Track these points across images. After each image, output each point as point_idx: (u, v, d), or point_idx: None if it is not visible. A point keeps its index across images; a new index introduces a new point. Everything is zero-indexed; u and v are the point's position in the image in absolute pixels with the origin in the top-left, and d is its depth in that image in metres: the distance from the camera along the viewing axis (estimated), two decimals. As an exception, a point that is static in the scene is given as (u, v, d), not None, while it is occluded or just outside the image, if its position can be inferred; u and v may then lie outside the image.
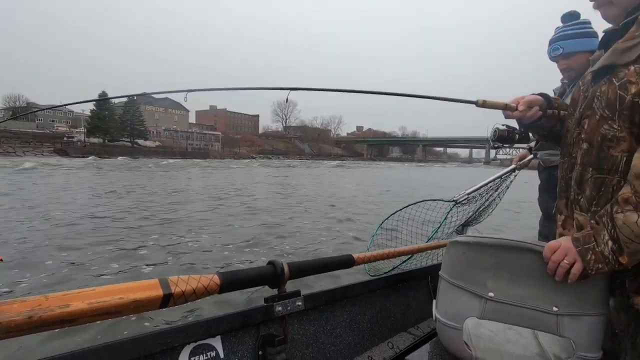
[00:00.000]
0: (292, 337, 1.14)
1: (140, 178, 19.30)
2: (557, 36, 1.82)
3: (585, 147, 0.90)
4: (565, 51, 1.78)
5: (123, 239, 5.85)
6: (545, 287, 0.91)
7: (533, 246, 0.92)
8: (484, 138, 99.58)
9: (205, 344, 0.93)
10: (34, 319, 0.59)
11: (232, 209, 9.62)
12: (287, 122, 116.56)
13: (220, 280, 0.92)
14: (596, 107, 0.87)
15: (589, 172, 0.89)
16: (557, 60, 1.83)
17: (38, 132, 58.22)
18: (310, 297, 1.19)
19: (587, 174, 0.89)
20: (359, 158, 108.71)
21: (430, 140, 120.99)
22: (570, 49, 1.77)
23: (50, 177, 17.85)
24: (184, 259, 4.96)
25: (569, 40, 1.77)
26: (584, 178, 0.90)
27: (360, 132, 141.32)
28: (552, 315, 0.91)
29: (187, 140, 76.72)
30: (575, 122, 0.96)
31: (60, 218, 7.43)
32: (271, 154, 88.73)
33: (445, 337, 1.11)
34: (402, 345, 1.41)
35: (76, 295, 0.67)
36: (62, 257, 4.81)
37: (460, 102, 1.13)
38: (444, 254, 1.15)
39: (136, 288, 0.75)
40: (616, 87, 0.82)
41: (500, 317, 0.96)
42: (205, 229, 6.87)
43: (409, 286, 1.67)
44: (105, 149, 55.07)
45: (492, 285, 0.98)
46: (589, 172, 0.89)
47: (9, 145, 47.93)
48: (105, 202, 10.04)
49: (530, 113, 1.05)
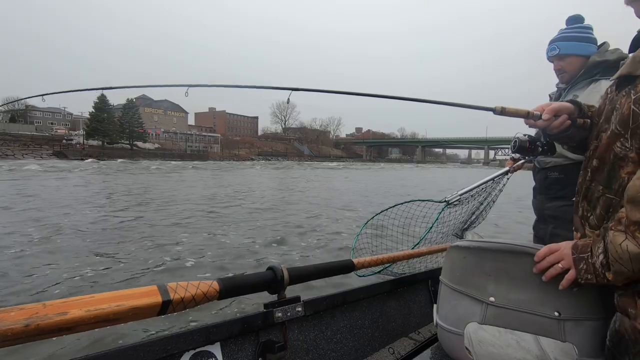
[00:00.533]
0: (292, 343, 1.13)
1: (138, 181, 19.27)
2: (557, 37, 1.81)
3: (595, 163, 0.84)
4: (560, 52, 1.77)
5: (121, 245, 5.82)
6: (547, 291, 0.90)
7: (534, 250, 0.91)
8: (482, 139, 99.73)
9: (204, 351, 0.92)
10: (31, 327, 0.58)
11: (232, 213, 9.59)
12: (287, 124, 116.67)
13: (220, 286, 0.91)
14: (612, 121, 0.80)
15: (599, 189, 0.83)
16: (553, 61, 1.83)
17: (37, 134, 58.15)
18: (310, 303, 1.18)
19: (598, 192, 0.83)
20: (358, 159, 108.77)
21: (430, 141, 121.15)
22: (566, 51, 1.76)
23: (46, 180, 17.80)
24: (182, 264, 4.94)
25: (567, 42, 1.77)
26: (594, 195, 0.85)
27: (359, 133, 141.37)
28: (554, 321, 0.90)
29: (186, 142, 76.75)
30: (595, 134, 0.89)
31: (56, 223, 7.38)
32: (270, 155, 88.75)
33: (446, 343, 1.10)
34: (403, 350, 1.40)
35: (74, 302, 0.66)
36: (60, 263, 4.77)
37: (478, 109, 1.07)
38: (444, 258, 1.14)
39: (135, 295, 0.75)
40: (631, 102, 0.74)
41: (501, 322, 0.95)
42: (204, 234, 6.84)
43: (410, 291, 1.66)
44: (104, 152, 55.02)
45: (492, 290, 0.97)
46: (599, 189, 0.83)
47: (7, 147, 47.85)
48: (102, 206, 9.99)
49: (557, 122, 0.94)
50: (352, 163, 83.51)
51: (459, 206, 2.28)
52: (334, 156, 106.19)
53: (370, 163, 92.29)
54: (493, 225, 7.92)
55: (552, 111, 0.94)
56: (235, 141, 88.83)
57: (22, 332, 0.58)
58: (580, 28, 1.77)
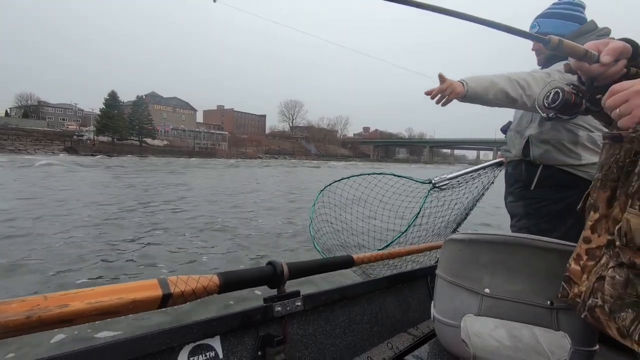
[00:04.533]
0: (292, 338, 1.14)
1: (144, 177, 19.48)
2: (542, 12, 1.64)
3: None
4: (540, 30, 1.59)
5: (122, 239, 5.86)
6: (539, 281, 0.91)
7: (527, 241, 0.93)
8: (492, 140, 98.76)
9: (204, 344, 0.93)
10: (32, 319, 0.59)
11: (234, 208, 9.65)
12: (294, 123, 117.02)
13: (220, 280, 0.92)
14: None
15: None
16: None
17: (49, 130, 59.21)
18: (310, 298, 1.19)
19: None
20: (366, 159, 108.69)
21: (437, 141, 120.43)
22: (545, 29, 1.58)
23: (53, 176, 18.07)
24: (183, 258, 4.98)
25: (548, 18, 1.60)
26: None
27: (366, 132, 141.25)
28: (547, 310, 0.91)
29: (194, 140, 77.43)
30: None
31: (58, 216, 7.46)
32: (277, 154, 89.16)
33: (443, 336, 1.11)
34: (402, 345, 1.41)
35: (75, 295, 0.67)
36: (61, 256, 4.81)
37: (528, 37, 0.80)
38: (440, 252, 1.15)
39: (135, 288, 0.76)
40: None
41: (497, 313, 0.97)
42: (205, 229, 6.88)
43: (409, 286, 1.67)
44: (114, 148, 55.82)
45: (488, 282, 0.98)
46: None
47: (20, 143, 48.80)
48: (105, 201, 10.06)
49: (616, 69, 0.72)
50: (359, 162, 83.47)
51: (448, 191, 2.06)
52: (341, 155, 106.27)
53: (378, 163, 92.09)
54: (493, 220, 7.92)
55: (614, 52, 0.71)
56: (243, 139, 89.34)
57: (23, 324, 0.58)
58: (569, 4, 1.59)
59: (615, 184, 0.70)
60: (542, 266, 0.93)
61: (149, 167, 28.53)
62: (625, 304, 0.66)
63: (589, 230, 0.76)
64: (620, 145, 0.68)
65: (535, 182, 1.59)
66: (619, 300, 0.67)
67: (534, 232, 1.56)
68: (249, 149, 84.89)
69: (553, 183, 1.56)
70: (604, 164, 0.73)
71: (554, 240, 0.93)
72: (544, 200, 1.58)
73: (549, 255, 0.92)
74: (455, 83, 1.37)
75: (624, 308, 0.66)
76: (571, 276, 0.80)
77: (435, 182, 1.98)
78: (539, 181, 1.58)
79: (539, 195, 1.59)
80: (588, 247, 0.76)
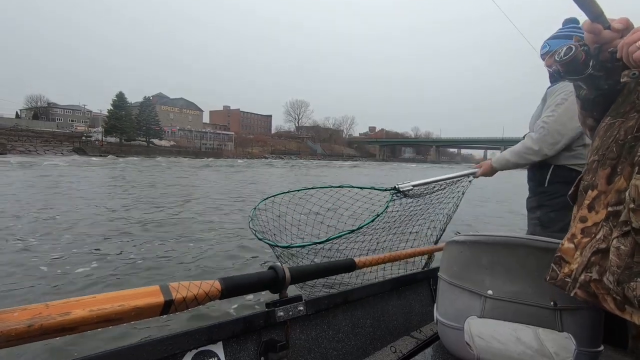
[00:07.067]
0: (294, 343, 1.14)
1: (148, 178, 19.57)
2: (550, 35, 1.88)
3: None
4: (550, 49, 1.83)
5: (123, 245, 5.80)
6: (541, 282, 0.90)
7: (528, 241, 0.93)
8: (499, 139, 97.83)
9: (207, 350, 0.93)
10: (34, 327, 0.59)
11: (235, 212, 9.58)
12: (299, 123, 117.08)
13: (222, 285, 0.92)
14: None
15: None
16: (544, 59, 1.86)
17: (58, 131, 59.98)
18: (312, 302, 1.19)
19: None
20: (372, 159, 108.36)
21: (444, 141, 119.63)
22: (555, 48, 1.80)
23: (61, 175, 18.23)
24: (185, 264, 4.94)
25: (557, 39, 1.83)
26: None
27: (372, 132, 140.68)
28: (550, 311, 0.91)
29: (200, 140, 77.85)
30: None
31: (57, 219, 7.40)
32: (283, 154, 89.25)
33: (446, 339, 1.10)
34: (405, 349, 1.40)
35: (77, 302, 0.67)
36: (61, 264, 4.75)
37: None
38: (442, 254, 1.14)
39: (137, 295, 0.76)
40: None
41: (500, 315, 0.96)
42: (207, 233, 6.82)
43: (411, 289, 1.66)
44: (122, 148, 56.34)
45: (490, 283, 0.98)
46: None
47: (30, 144, 49.52)
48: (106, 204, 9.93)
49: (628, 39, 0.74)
50: (365, 162, 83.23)
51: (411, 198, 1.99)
52: (346, 155, 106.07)
53: (384, 162, 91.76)
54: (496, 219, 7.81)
55: (626, 21, 0.73)
56: (249, 139, 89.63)
57: (25, 332, 0.59)
58: (573, 28, 1.82)
59: (615, 161, 0.74)
60: (544, 266, 0.91)
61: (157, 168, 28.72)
62: (634, 272, 0.66)
63: (585, 210, 0.80)
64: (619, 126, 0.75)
65: (547, 180, 1.82)
66: (627, 270, 0.67)
67: (544, 221, 1.78)
68: (254, 149, 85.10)
69: (563, 180, 1.75)
70: (599, 147, 0.79)
71: (554, 240, 0.92)
72: (555, 194, 1.78)
73: (550, 256, 0.91)
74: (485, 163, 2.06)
75: (632, 277, 0.66)
76: (563, 255, 0.81)
77: (400, 187, 1.97)
78: (550, 179, 1.80)
79: (551, 190, 1.81)
80: (584, 225, 0.79)
